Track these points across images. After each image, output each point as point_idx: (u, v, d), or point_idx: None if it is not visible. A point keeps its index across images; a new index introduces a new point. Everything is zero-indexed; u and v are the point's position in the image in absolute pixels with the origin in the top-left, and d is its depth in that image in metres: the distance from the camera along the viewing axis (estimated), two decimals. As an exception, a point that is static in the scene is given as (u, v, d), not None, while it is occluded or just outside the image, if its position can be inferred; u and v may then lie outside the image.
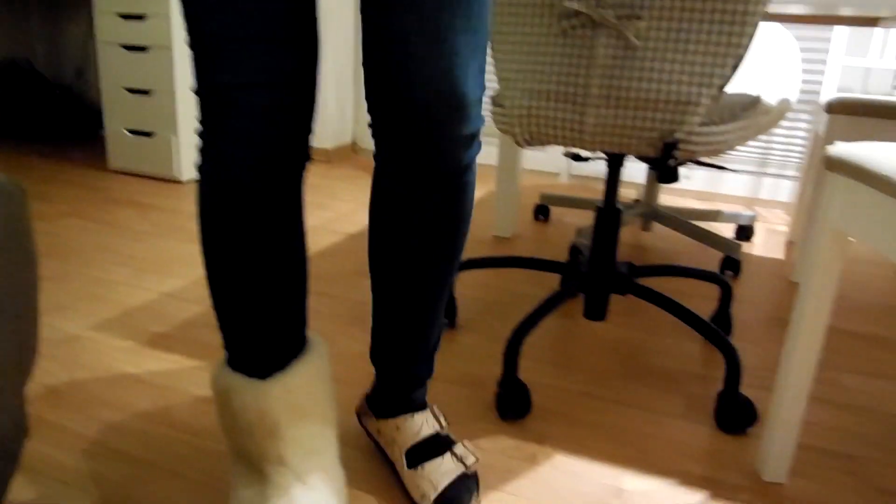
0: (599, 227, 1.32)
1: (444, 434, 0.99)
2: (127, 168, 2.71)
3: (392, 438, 0.97)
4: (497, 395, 1.17)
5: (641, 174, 2.87)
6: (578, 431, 1.13)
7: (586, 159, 2.10)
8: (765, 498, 0.99)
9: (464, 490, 0.92)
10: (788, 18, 1.90)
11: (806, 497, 1.00)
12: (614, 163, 1.32)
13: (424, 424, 0.97)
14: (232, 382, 0.80)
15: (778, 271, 1.95)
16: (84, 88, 3.48)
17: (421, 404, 0.99)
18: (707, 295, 1.75)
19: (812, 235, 0.95)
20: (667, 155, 1.05)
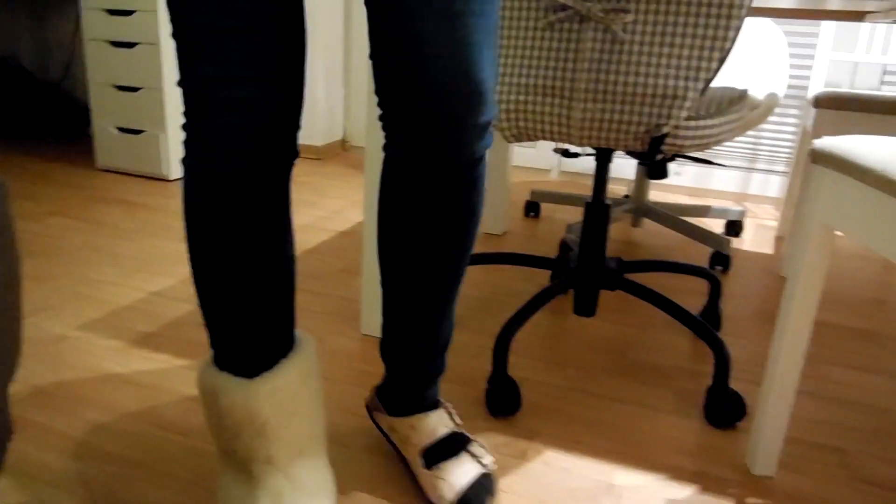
0: (588, 223, 1.32)
1: (460, 433, 0.97)
2: (115, 166, 2.69)
3: (406, 437, 0.96)
4: (487, 392, 1.17)
5: (631, 170, 2.88)
6: (569, 427, 1.13)
7: (576, 155, 2.11)
8: (754, 491, 0.99)
9: (482, 490, 0.91)
10: (776, 13, 1.91)
11: (795, 490, 1.00)
12: (602, 158, 1.32)
13: (440, 423, 0.96)
14: (218, 382, 0.79)
15: (767, 266, 1.96)
16: (71, 86, 3.46)
17: (434, 402, 0.98)
18: (696, 290, 1.75)
19: (800, 230, 0.95)
20: (654, 149, 1.05)
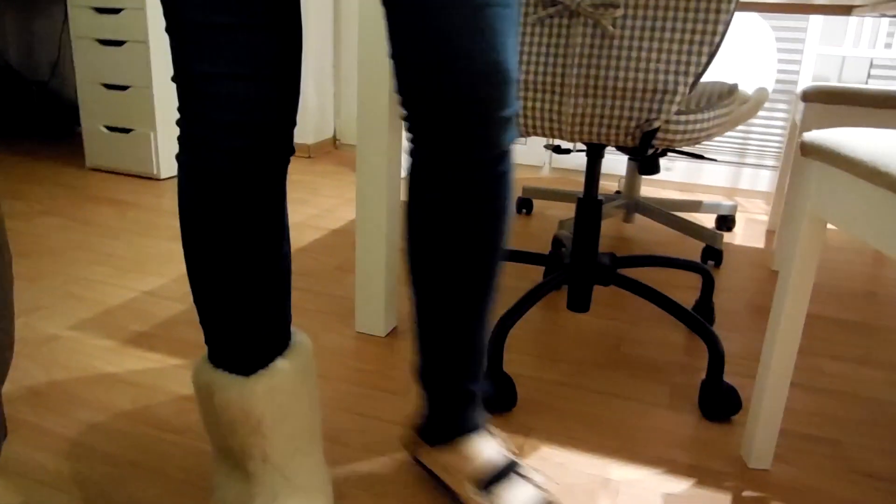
0: (580, 219, 1.33)
1: (512, 458, 0.89)
2: (104, 165, 2.67)
3: (452, 465, 0.89)
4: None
5: (622, 167, 2.88)
6: (564, 423, 1.13)
7: (567, 151, 2.11)
8: (750, 484, 1.00)
9: None
10: (764, 7, 1.91)
11: (791, 482, 1.01)
12: (594, 153, 1.32)
13: (488, 447, 0.88)
14: (214, 379, 0.79)
15: (758, 260, 1.97)
16: (59, 85, 3.43)
17: (480, 425, 0.91)
18: (689, 285, 1.76)
19: (791, 223, 0.95)
20: (645, 144, 1.06)
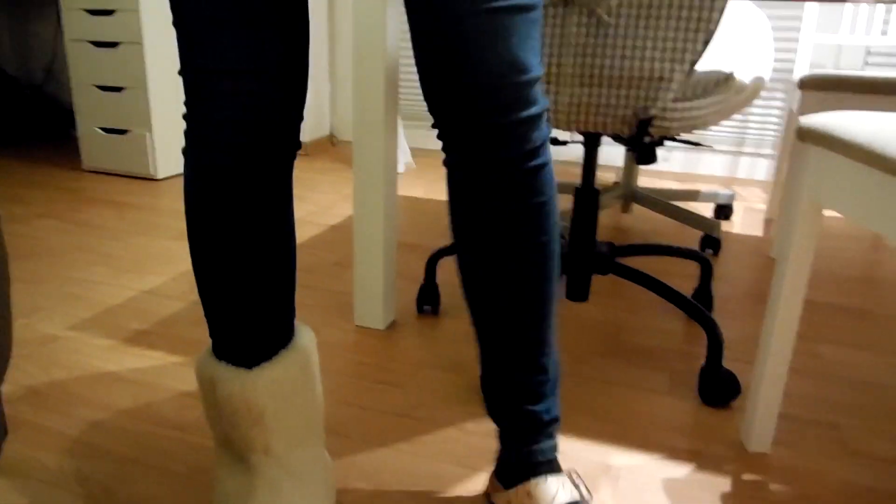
0: (578, 208, 1.33)
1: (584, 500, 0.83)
2: (101, 167, 2.67)
3: None
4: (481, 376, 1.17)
5: (620, 158, 2.88)
6: (565, 411, 1.14)
7: (564, 143, 2.11)
8: (750, 468, 1.00)
9: None
10: (759, -4, 1.91)
11: (790, 465, 1.01)
12: (591, 143, 1.32)
13: (561, 490, 0.82)
14: (217, 371, 0.79)
15: (757, 248, 1.97)
16: (54, 88, 3.43)
17: (553, 465, 0.84)
18: (688, 273, 1.76)
19: (788, 208, 0.95)
20: (641, 132, 1.06)
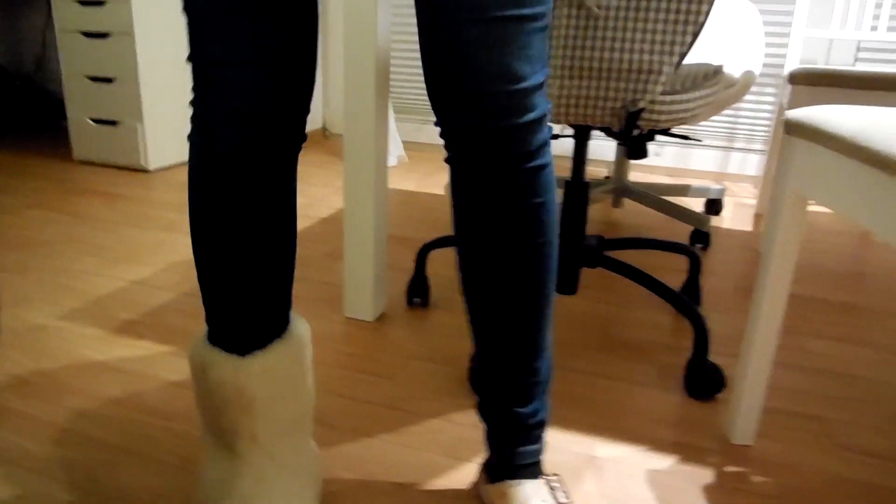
0: (568, 201, 1.33)
1: None
2: (92, 158, 2.66)
3: None
4: (470, 370, 1.18)
5: (612, 152, 2.89)
6: (552, 403, 1.14)
7: (555, 137, 2.11)
8: (733, 459, 1.01)
9: None
10: (751, -9, 1.92)
11: (773, 457, 1.02)
12: (581, 136, 1.32)
13: (535, 495, 0.81)
14: (210, 356, 0.79)
15: (746, 243, 1.98)
16: (45, 78, 3.41)
17: (532, 470, 0.84)
18: (677, 268, 1.77)
19: (775, 201, 0.96)
20: (630, 124, 1.06)
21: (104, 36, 2.45)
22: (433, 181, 2.62)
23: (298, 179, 2.53)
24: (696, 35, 1.01)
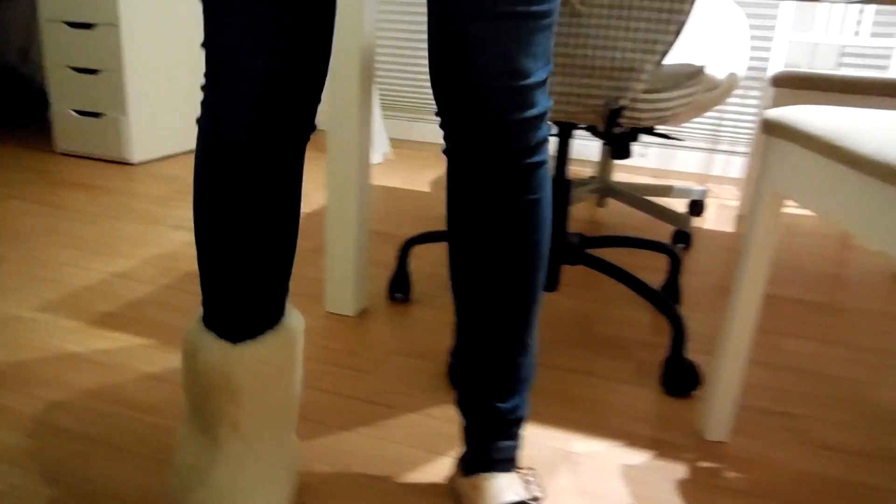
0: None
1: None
2: (75, 150, 2.64)
3: (467, 499, 0.84)
4: (449, 365, 1.18)
5: (596, 152, 2.90)
6: (531, 399, 1.15)
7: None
8: (707, 455, 1.02)
9: None
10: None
11: (747, 453, 1.03)
12: (563, 133, 1.33)
13: (507, 489, 0.82)
14: (201, 340, 0.79)
15: (727, 244, 2.00)
16: (29, 69, 3.37)
17: (507, 465, 0.85)
18: (658, 267, 1.78)
19: (752, 200, 0.97)
20: (612, 122, 1.07)
21: (89, 26, 2.43)
22: (419, 178, 2.62)
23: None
24: (679, 33, 1.02)
